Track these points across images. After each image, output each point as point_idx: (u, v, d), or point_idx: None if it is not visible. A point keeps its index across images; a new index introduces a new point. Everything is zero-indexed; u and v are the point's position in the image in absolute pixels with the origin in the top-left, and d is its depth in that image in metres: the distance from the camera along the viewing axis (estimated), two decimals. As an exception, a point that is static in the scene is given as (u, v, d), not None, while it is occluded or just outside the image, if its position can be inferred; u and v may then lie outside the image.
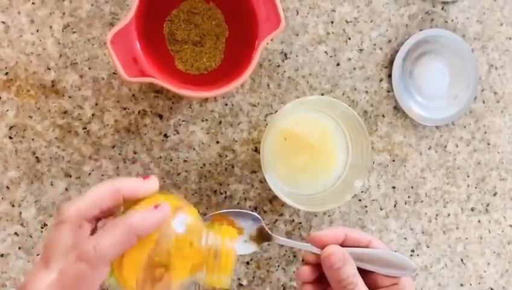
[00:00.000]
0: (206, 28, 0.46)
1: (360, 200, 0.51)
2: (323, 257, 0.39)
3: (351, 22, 0.50)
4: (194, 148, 0.48)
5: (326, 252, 0.39)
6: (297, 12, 0.49)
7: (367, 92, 0.51)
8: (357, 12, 0.50)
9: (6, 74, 0.45)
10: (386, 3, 0.51)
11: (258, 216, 0.41)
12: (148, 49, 0.42)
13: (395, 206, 0.51)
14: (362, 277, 0.39)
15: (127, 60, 0.40)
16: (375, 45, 0.51)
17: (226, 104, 0.49)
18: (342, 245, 0.40)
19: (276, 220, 0.49)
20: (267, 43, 0.44)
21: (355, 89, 0.51)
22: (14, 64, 0.45)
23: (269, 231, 0.41)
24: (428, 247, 0.52)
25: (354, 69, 0.50)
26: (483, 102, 0.53)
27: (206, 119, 0.48)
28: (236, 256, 0.35)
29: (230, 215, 0.42)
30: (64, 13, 0.46)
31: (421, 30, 0.51)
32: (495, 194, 0.54)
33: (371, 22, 0.51)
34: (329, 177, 0.47)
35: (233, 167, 0.49)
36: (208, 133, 0.48)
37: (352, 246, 0.40)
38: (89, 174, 0.47)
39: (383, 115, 0.51)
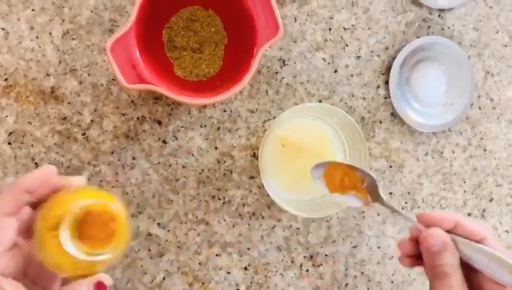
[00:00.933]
0: (205, 35, 0.47)
1: (357, 205, 0.51)
2: (422, 236, 0.36)
3: (348, 29, 0.51)
4: (192, 154, 0.48)
5: (426, 233, 0.36)
6: (296, 20, 0.50)
7: (364, 98, 0.51)
8: (354, 20, 0.51)
9: (6, 80, 0.46)
10: (383, 10, 0.51)
11: (374, 177, 0.41)
12: (147, 56, 0.42)
13: (392, 212, 0.52)
14: (466, 273, 0.35)
15: (126, 67, 0.40)
16: (372, 51, 0.51)
17: (225, 110, 0.49)
18: (452, 232, 0.37)
19: (274, 225, 0.50)
20: (266, 50, 0.45)
21: (352, 96, 0.51)
22: (13, 71, 0.46)
23: (380, 193, 0.40)
24: (425, 252, 0.52)
25: (352, 75, 0.51)
26: (480, 108, 0.54)
27: (205, 125, 0.49)
28: None
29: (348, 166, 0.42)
30: (63, 20, 0.46)
31: (418, 37, 0.52)
32: (491, 200, 0.54)
33: (369, 29, 0.51)
34: (327, 183, 0.47)
35: (231, 172, 0.49)
36: (206, 139, 0.49)
37: (463, 236, 0.36)
38: (88, 180, 0.47)
39: (380, 122, 0.52)
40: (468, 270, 0.36)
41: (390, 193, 0.52)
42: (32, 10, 0.46)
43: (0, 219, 0.30)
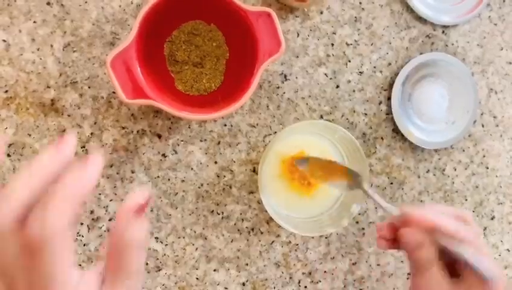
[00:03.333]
0: (206, 49, 0.46)
1: (357, 222, 0.51)
2: (400, 233, 0.38)
3: (351, 44, 0.50)
4: (192, 168, 0.48)
5: (404, 230, 0.38)
6: (298, 35, 0.49)
7: (366, 114, 0.51)
8: (357, 35, 0.50)
9: (6, 91, 0.45)
10: (386, 26, 0.51)
11: (354, 170, 0.43)
12: (148, 70, 0.42)
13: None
14: (447, 260, 0.37)
15: (126, 81, 0.40)
16: (375, 67, 0.51)
17: (225, 125, 0.49)
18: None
19: (273, 241, 0.49)
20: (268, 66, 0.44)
21: (354, 111, 0.51)
22: (14, 83, 0.45)
23: (364, 186, 0.43)
24: (425, 270, 0.52)
25: (354, 91, 0.51)
26: (483, 126, 0.53)
27: (205, 140, 0.48)
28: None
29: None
30: (65, 32, 0.46)
31: (421, 53, 0.51)
32: (493, 218, 0.54)
33: (371, 44, 0.51)
34: (327, 200, 0.47)
35: (230, 187, 0.49)
36: (206, 153, 0.48)
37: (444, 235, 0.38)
38: (87, 193, 0.46)
39: (381, 138, 0.51)
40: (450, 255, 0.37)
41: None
42: (34, 22, 0.46)
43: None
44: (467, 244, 0.37)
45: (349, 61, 0.50)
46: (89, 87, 0.46)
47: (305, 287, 0.50)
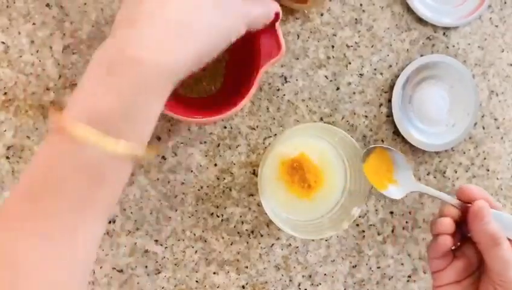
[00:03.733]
0: (206, 51, 0.46)
1: (357, 225, 0.50)
2: (474, 209, 0.39)
3: (351, 46, 0.50)
4: (191, 171, 0.48)
5: (477, 205, 0.39)
6: (298, 36, 0.49)
7: (366, 116, 0.51)
8: (358, 37, 0.50)
9: (5, 93, 0.45)
10: (387, 28, 0.51)
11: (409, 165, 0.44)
12: (147, 72, 0.42)
13: (392, 231, 0.51)
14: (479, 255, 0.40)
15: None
16: (375, 69, 0.51)
17: (225, 127, 0.49)
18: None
19: (273, 244, 0.49)
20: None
21: (354, 114, 0.50)
22: (13, 85, 0.45)
23: (414, 177, 0.43)
24: (425, 273, 0.52)
25: (354, 93, 0.50)
26: (483, 128, 0.53)
27: (205, 142, 0.48)
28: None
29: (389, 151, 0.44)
30: (64, 34, 0.46)
31: (422, 55, 0.51)
32: (493, 221, 0.53)
33: (372, 46, 0.50)
34: (327, 203, 0.47)
35: (230, 189, 0.49)
36: (206, 156, 0.48)
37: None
38: (86, 195, 0.46)
39: (382, 140, 0.51)
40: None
41: (391, 213, 0.51)
42: (33, 24, 0.45)
43: None
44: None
45: (350, 63, 0.50)
46: (89, 90, 0.46)
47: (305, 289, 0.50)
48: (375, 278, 0.51)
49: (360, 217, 0.50)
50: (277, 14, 0.39)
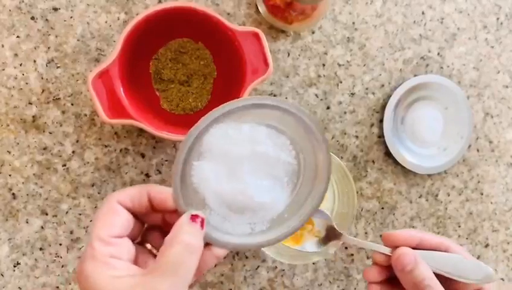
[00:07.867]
0: (193, 67, 0.45)
1: (346, 248, 0.49)
2: (394, 258, 0.37)
3: (343, 65, 0.49)
4: (176, 189, 0.47)
5: (397, 254, 0.36)
6: (289, 54, 0.48)
7: (357, 136, 0.49)
8: (349, 56, 0.49)
9: (-13, 107, 0.44)
10: (380, 47, 0.50)
11: (328, 214, 0.39)
12: (131, 88, 0.41)
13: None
14: (443, 283, 0.36)
15: (108, 100, 0.39)
16: (367, 89, 0.50)
17: (212, 145, 0.47)
18: (416, 249, 0.37)
19: (258, 266, 0.48)
20: (256, 85, 0.43)
21: (345, 134, 0.49)
22: (-6, 98, 0.44)
23: (338, 230, 0.39)
24: (415, 299, 0.50)
25: (345, 113, 0.49)
26: (478, 151, 0.52)
27: (190, 160, 0.47)
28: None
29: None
30: (49, 48, 0.45)
31: (415, 75, 0.50)
32: (487, 246, 0.52)
33: (364, 65, 0.49)
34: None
35: (216, 209, 0.47)
36: (191, 174, 0.47)
37: (428, 250, 0.38)
38: (66, 212, 0.45)
39: (373, 161, 0.50)
40: (442, 279, 0.36)
41: (381, 236, 0.50)
42: (17, 37, 0.45)
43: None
44: (454, 250, 0.37)
45: (341, 82, 0.49)
46: (72, 104, 0.45)
47: (291, 314, 0.48)
48: (364, 303, 0.49)
49: (349, 240, 0.49)
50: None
